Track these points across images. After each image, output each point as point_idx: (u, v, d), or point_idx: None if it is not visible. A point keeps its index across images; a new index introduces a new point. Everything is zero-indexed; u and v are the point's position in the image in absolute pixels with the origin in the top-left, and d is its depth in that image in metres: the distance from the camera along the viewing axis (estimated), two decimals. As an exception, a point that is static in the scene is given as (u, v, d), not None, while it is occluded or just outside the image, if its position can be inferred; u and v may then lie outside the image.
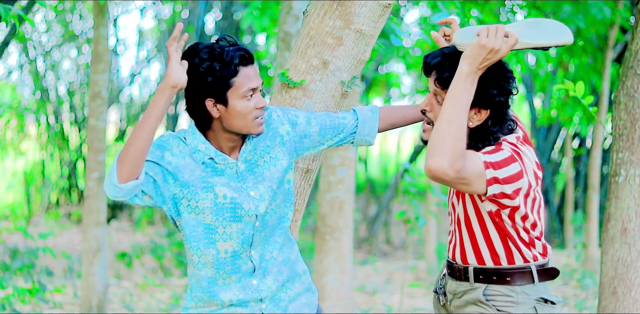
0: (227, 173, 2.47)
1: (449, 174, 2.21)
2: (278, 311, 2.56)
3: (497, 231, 2.46)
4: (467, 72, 2.27)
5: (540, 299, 2.48)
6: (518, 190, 2.36)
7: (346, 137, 2.71)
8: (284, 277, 2.58)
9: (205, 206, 2.43)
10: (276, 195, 2.53)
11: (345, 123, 2.68)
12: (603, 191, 10.12)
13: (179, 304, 6.85)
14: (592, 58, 8.39)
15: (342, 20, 2.75)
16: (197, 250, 2.49)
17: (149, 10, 12.75)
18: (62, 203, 12.72)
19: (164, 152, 2.42)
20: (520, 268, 2.47)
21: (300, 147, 2.62)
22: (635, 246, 3.31)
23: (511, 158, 2.35)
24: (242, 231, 2.48)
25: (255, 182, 2.50)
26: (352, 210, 5.72)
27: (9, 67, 12.42)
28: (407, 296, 7.19)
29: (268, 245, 2.55)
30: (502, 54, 2.28)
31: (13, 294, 6.49)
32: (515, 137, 2.46)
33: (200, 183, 2.43)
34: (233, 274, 2.51)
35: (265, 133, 2.54)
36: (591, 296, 6.90)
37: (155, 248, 9.61)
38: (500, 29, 2.28)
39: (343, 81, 2.79)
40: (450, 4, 5.66)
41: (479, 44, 2.26)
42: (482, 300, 2.47)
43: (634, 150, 3.32)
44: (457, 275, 2.55)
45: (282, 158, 2.55)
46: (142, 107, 13.18)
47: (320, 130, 2.64)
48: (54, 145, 12.32)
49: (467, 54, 2.29)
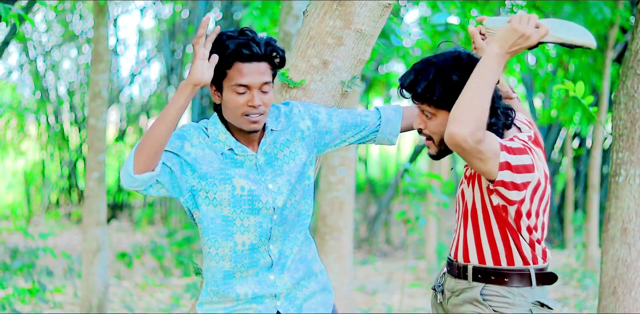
0: (246, 165, 2.49)
1: (468, 142, 2.24)
2: (293, 309, 2.57)
3: (499, 229, 2.46)
4: (496, 53, 2.31)
5: (536, 302, 2.48)
6: (527, 183, 2.37)
7: (368, 136, 2.72)
8: (300, 275, 2.59)
9: (222, 198, 2.45)
10: (295, 190, 2.54)
11: (367, 121, 2.69)
12: (603, 191, 10.11)
13: (179, 304, 6.85)
14: (592, 58, 8.39)
15: (342, 20, 2.75)
16: (214, 242, 2.50)
17: (149, 10, 12.76)
18: (62, 203, 12.72)
19: (183, 142, 2.44)
20: (519, 270, 2.48)
21: (320, 143, 2.63)
22: (635, 246, 3.31)
23: (524, 150, 2.37)
24: (260, 224, 2.49)
25: (274, 175, 2.51)
26: (352, 210, 5.72)
27: (9, 67, 12.43)
28: (407, 296, 7.19)
29: (288, 240, 2.56)
30: (531, 42, 2.32)
31: (13, 294, 6.49)
32: (527, 135, 2.48)
33: (219, 175, 2.45)
34: (251, 268, 2.52)
35: (286, 128, 2.56)
36: (591, 296, 6.90)
37: (155, 248, 9.61)
38: (532, 17, 2.33)
39: (343, 81, 2.79)
40: (450, 4, 5.66)
41: (512, 28, 2.31)
42: (479, 299, 2.47)
43: (634, 150, 3.32)
44: (456, 273, 2.56)
45: (302, 153, 2.57)
46: (142, 107, 13.18)
47: (341, 126, 2.65)
48: (54, 145, 12.32)
49: (498, 36, 2.33)
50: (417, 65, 2.47)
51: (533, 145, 2.47)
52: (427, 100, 2.42)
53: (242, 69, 2.39)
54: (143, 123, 13.07)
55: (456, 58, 2.43)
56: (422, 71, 2.43)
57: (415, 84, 2.43)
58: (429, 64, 2.43)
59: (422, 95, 2.42)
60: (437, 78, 2.40)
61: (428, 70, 2.42)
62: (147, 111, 13.18)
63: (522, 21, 2.31)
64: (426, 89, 2.40)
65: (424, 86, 2.41)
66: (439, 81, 2.39)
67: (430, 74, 2.40)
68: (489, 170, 2.33)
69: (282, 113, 2.59)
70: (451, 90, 2.38)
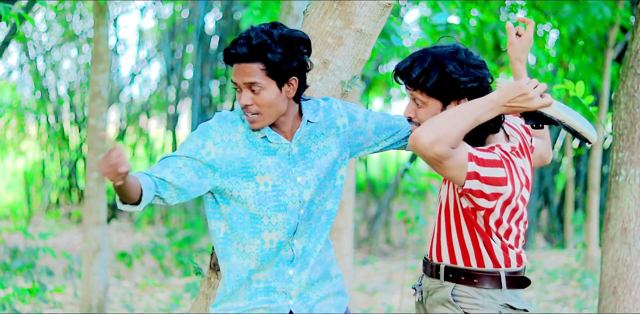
0: (279, 153, 2.48)
1: (427, 150, 2.27)
2: (305, 309, 2.56)
3: (469, 231, 2.47)
4: (494, 99, 2.35)
5: (505, 305, 2.48)
6: (498, 195, 2.38)
7: (400, 141, 2.71)
8: (317, 276, 2.59)
9: (247, 195, 2.45)
10: (323, 187, 2.54)
11: (401, 125, 2.68)
12: (603, 191, 10.12)
13: (179, 304, 6.85)
14: (592, 58, 8.39)
15: (342, 20, 2.75)
16: (242, 237, 2.49)
17: (149, 10, 12.77)
18: (62, 203, 12.72)
19: (205, 140, 2.44)
20: (489, 272, 2.49)
21: (354, 143, 2.63)
22: (635, 246, 3.32)
23: (499, 162, 2.38)
24: (287, 221, 2.49)
25: (305, 168, 2.50)
26: (352, 210, 5.72)
27: (9, 66, 12.42)
28: (407, 296, 7.19)
29: (314, 238, 2.56)
30: (530, 104, 2.36)
31: (13, 294, 6.49)
32: (511, 146, 2.48)
33: (241, 173, 2.44)
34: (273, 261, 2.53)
35: (323, 122, 2.55)
36: (591, 296, 6.89)
37: (155, 248, 9.61)
38: (542, 85, 2.38)
39: (343, 81, 2.79)
40: (451, 4, 5.66)
41: (517, 84, 2.35)
42: (450, 300, 2.49)
43: (634, 150, 3.32)
44: (430, 272, 2.59)
45: (334, 149, 2.57)
46: (142, 107, 13.19)
47: (376, 128, 2.65)
48: (54, 145, 12.31)
49: (502, 88, 2.37)
50: (415, 54, 2.49)
51: (515, 156, 2.47)
52: (420, 86, 2.44)
53: (233, 68, 2.41)
54: (143, 123, 13.07)
55: (454, 51, 2.46)
56: (419, 59, 2.46)
57: (410, 70, 2.46)
58: (426, 53, 2.47)
59: (416, 82, 2.44)
60: (432, 67, 2.42)
61: (425, 58, 2.45)
62: (147, 111, 13.18)
63: (531, 83, 2.36)
64: (420, 75, 2.43)
65: (419, 72, 2.43)
66: (435, 69, 2.42)
67: (427, 62, 2.43)
68: (453, 178, 2.36)
69: (321, 107, 2.58)
70: (445, 79, 2.41)
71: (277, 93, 2.40)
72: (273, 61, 2.35)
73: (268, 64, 2.36)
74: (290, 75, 2.40)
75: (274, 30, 2.37)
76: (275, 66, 2.36)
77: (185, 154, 2.42)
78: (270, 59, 2.35)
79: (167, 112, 12.78)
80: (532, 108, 2.37)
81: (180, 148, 2.47)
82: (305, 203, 2.50)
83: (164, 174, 2.40)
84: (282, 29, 2.39)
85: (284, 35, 2.37)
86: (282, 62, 2.37)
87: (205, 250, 9.44)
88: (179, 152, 2.46)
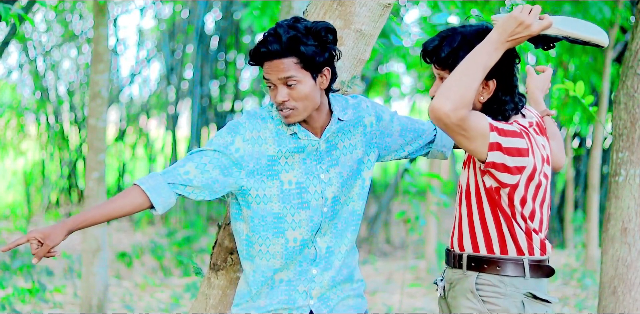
0: (307, 150, 2.49)
1: (450, 117, 2.24)
2: (326, 309, 2.57)
3: (492, 214, 2.44)
4: (494, 39, 2.31)
5: (528, 294, 2.45)
6: (522, 168, 2.36)
7: (423, 147, 2.71)
8: (341, 279, 2.59)
9: (272, 194, 2.46)
10: (348, 186, 2.54)
11: (424, 129, 2.69)
12: (603, 191, 10.11)
13: (179, 304, 6.85)
14: (592, 58, 8.39)
15: (342, 20, 2.75)
16: (265, 239, 2.50)
17: (149, 10, 12.76)
18: (62, 203, 12.70)
19: (235, 136, 2.44)
20: (512, 258, 2.45)
21: (381, 145, 2.63)
22: (635, 246, 3.32)
23: (519, 134, 2.37)
24: (311, 218, 2.49)
25: (329, 165, 2.51)
26: (352, 209, 5.70)
27: (9, 67, 12.42)
28: (407, 296, 7.19)
29: (338, 238, 2.56)
30: (531, 31, 2.32)
31: (13, 294, 6.49)
32: (529, 121, 2.47)
33: (266, 171, 2.45)
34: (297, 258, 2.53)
35: (352, 119, 2.56)
36: (591, 296, 6.90)
37: (155, 248, 9.61)
38: (535, 8, 2.34)
39: (343, 81, 2.79)
40: (451, 4, 5.66)
41: (511, 16, 2.32)
42: (473, 289, 2.46)
43: (634, 150, 3.32)
44: (453, 262, 2.56)
45: (359, 148, 2.57)
46: (142, 107, 13.18)
47: (401, 130, 2.65)
48: (54, 145, 12.30)
49: (498, 24, 2.34)
50: (444, 33, 2.48)
51: (534, 131, 2.45)
52: (449, 66, 2.42)
53: (264, 65, 2.41)
54: (143, 123, 13.07)
55: (483, 31, 2.44)
56: (448, 38, 2.45)
57: (439, 49, 2.44)
58: (455, 32, 2.45)
59: (445, 61, 2.43)
60: (462, 46, 2.41)
61: (454, 37, 2.43)
62: (147, 111, 13.18)
63: (524, 10, 2.32)
64: (450, 55, 2.41)
65: (448, 52, 2.42)
66: (464, 48, 2.40)
67: (456, 42, 2.42)
68: (476, 149, 2.33)
69: (350, 105, 2.59)
70: None
71: (312, 85, 2.41)
72: (307, 54, 2.37)
73: (302, 57, 2.37)
74: (323, 65, 2.42)
75: (299, 24, 2.39)
76: (309, 58, 2.38)
77: (214, 148, 2.42)
78: (304, 52, 2.37)
79: (167, 112, 12.78)
80: (535, 34, 2.34)
81: (209, 144, 2.46)
82: (329, 201, 2.50)
83: (187, 168, 2.41)
84: (305, 21, 2.42)
85: (310, 27, 2.39)
86: (315, 53, 2.38)
87: (205, 250, 9.44)
88: (207, 146, 2.45)
